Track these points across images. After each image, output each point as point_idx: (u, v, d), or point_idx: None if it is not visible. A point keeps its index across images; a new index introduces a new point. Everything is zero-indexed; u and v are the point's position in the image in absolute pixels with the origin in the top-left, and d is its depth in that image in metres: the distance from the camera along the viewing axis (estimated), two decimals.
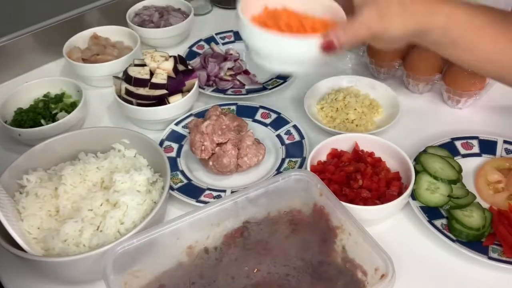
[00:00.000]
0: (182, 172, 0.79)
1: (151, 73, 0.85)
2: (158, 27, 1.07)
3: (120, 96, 0.85)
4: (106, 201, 0.66)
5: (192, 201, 0.73)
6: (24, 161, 0.71)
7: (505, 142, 0.80)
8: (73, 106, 0.89)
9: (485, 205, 0.72)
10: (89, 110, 0.92)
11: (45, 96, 0.92)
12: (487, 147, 0.80)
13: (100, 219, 0.64)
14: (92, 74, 0.96)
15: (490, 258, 0.63)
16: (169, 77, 0.85)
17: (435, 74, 0.89)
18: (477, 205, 0.70)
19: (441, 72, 0.89)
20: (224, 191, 0.75)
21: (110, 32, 1.05)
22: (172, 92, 0.85)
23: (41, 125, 0.84)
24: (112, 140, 0.75)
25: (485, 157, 0.79)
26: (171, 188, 0.73)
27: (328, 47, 0.57)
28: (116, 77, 0.87)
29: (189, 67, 0.90)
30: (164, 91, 0.84)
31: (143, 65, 0.86)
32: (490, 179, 0.75)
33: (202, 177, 0.79)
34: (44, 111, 0.87)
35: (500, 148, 0.79)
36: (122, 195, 0.65)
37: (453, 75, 0.87)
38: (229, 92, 0.94)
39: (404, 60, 0.92)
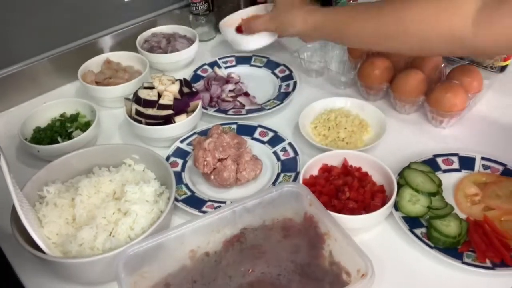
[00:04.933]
0: (186, 185, 0.86)
1: (159, 95, 0.93)
2: (166, 52, 1.15)
3: (130, 116, 0.93)
4: (118, 210, 0.73)
5: (195, 211, 0.79)
6: (44, 174, 0.78)
7: (482, 158, 0.86)
8: (87, 125, 0.97)
9: (463, 215, 0.78)
10: (102, 129, 1.00)
11: (61, 116, 0.99)
12: (466, 163, 0.86)
13: (113, 226, 0.71)
14: (104, 96, 1.04)
15: (464, 263, 0.70)
16: (175, 98, 0.93)
17: (420, 96, 0.96)
18: (454, 215, 0.76)
19: (425, 95, 0.96)
20: (224, 202, 0.82)
21: (122, 57, 1.13)
22: (177, 113, 0.93)
23: (58, 142, 0.91)
24: (123, 155, 0.82)
25: (464, 172, 0.85)
26: (176, 199, 0.80)
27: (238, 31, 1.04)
28: (127, 99, 0.95)
29: (193, 89, 0.98)
30: (170, 112, 0.92)
31: (152, 87, 0.94)
32: (467, 192, 0.81)
33: (204, 189, 0.86)
34: (61, 130, 0.95)
35: (478, 164, 0.86)
36: (133, 204, 0.72)
37: (436, 97, 0.93)
38: (230, 112, 1.02)
39: (391, 84, 1.00)
